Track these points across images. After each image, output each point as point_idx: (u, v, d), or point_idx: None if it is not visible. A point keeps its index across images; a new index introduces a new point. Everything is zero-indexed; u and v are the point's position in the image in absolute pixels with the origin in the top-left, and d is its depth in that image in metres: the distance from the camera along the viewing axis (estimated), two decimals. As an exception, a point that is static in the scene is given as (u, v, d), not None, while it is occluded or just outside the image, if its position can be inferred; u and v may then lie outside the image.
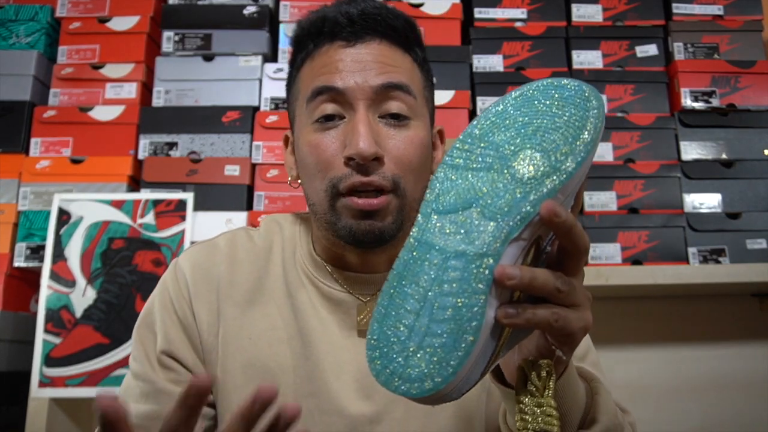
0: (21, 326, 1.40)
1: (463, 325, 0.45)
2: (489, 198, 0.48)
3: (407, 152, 0.69)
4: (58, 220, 1.37)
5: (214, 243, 0.79)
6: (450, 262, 0.47)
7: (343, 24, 0.70)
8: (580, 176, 0.48)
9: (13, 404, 1.37)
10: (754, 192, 1.49)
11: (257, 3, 1.59)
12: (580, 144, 0.47)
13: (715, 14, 1.61)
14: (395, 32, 0.71)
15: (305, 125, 0.71)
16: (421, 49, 0.75)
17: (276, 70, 1.53)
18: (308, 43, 0.73)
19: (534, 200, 0.46)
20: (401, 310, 0.47)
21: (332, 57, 0.70)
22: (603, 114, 0.49)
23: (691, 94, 1.52)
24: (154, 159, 1.47)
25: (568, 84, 0.51)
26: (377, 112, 0.69)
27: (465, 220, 0.48)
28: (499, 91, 1.53)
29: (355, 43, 0.70)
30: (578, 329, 0.49)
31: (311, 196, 0.72)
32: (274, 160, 1.47)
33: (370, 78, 0.68)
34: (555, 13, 1.60)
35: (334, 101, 0.69)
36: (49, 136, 1.48)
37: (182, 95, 1.53)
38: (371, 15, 0.70)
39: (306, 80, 0.72)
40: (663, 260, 1.43)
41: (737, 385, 1.58)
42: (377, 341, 0.47)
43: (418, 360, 0.45)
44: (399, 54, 0.72)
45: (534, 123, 0.50)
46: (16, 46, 1.56)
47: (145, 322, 0.76)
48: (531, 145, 0.49)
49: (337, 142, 0.68)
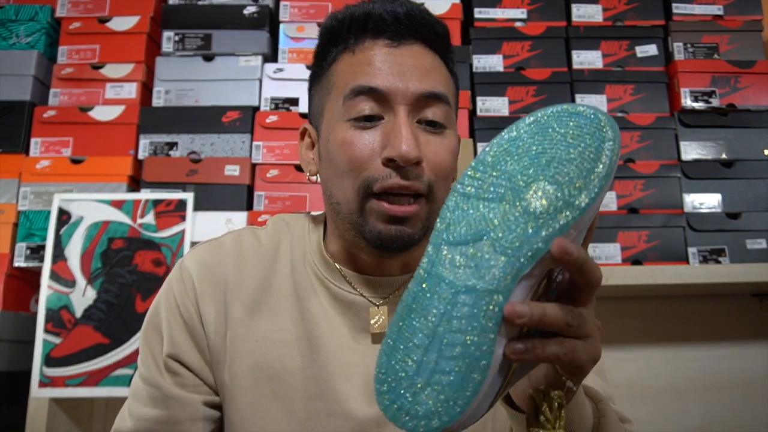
0: (21, 326, 1.40)
1: (471, 364, 0.44)
2: (500, 231, 0.47)
3: (444, 159, 0.69)
4: (58, 220, 1.37)
5: (220, 242, 0.78)
6: (460, 297, 0.46)
7: (389, 22, 0.69)
8: (593, 211, 0.47)
9: (13, 404, 1.37)
10: (754, 192, 1.49)
11: (257, 3, 1.59)
12: (595, 178, 0.46)
13: (715, 14, 1.61)
14: (437, 37, 0.71)
15: (339, 121, 0.69)
16: (454, 59, 0.75)
17: (276, 70, 1.53)
18: (348, 37, 0.71)
19: (546, 236, 0.45)
20: (410, 344, 0.47)
21: (375, 55, 0.69)
22: (619, 146, 0.48)
23: (691, 94, 1.52)
24: (154, 159, 1.47)
25: (584, 111, 0.50)
26: (415, 117, 0.69)
27: (476, 253, 0.47)
28: (499, 91, 1.53)
29: (399, 44, 0.69)
30: (587, 360, 0.49)
31: (336, 194, 0.70)
32: (274, 160, 1.47)
33: (412, 84, 0.68)
34: (555, 13, 1.60)
35: (374, 101, 0.68)
36: (49, 136, 1.48)
37: (182, 95, 1.53)
38: (417, 17, 0.70)
39: (344, 75, 0.70)
40: (663, 260, 1.43)
41: (737, 385, 1.58)
42: (385, 375, 0.47)
43: (425, 397, 0.45)
44: (438, 61, 0.72)
45: (548, 153, 0.49)
46: (17, 46, 1.56)
47: (152, 323, 0.75)
48: (545, 177, 0.48)
49: (375, 141, 0.67)
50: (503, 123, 1.50)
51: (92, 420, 1.46)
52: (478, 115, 1.52)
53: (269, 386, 0.70)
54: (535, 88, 1.53)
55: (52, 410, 1.31)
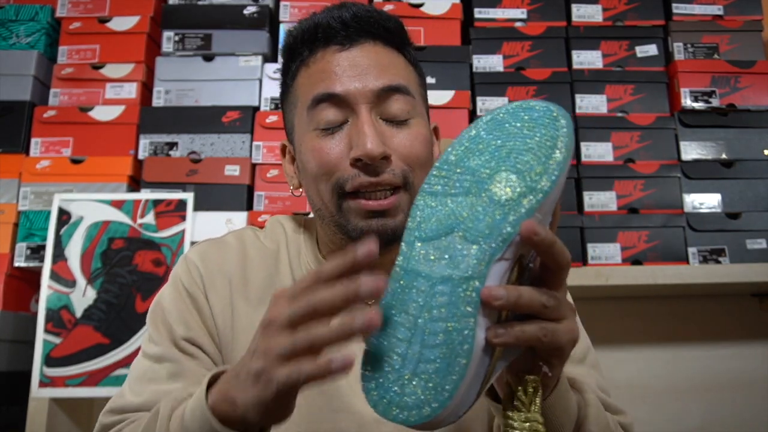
0: (21, 326, 1.40)
1: (455, 349, 0.46)
2: (470, 222, 0.49)
3: (413, 148, 0.69)
4: (58, 220, 1.37)
5: (223, 240, 0.79)
6: (437, 288, 0.48)
7: (337, 28, 0.70)
8: (555, 194, 0.50)
9: (14, 404, 1.37)
10: (754, 192, 1.49)
11: (257, 3, 1.59)
12: (553, 163, 0.49)
13: (715, 14, 1.61)
14: (389, 33, 0.72)
15: (306, 132, 0.71)
16: (411, 48, 0.76)
17: (276, 70, 1.52)
18: (302, 51, 0.72)
19: (513, 221, 0.48)
20: (393, 339, 0.48)
21: (329, 62, 0.70)
22: (572, 132, 0.51)
23: (691, 94, 1.52)
24: (154, 159, 1.47)
25: (536, 106, 0.53)
26: (379, 114, 0.69)
27: (448, 246, 0.49)
28: (499, 91, 1.53)
29: (350, 46, 0.70)
30: (567, 342, 0.50)
31: (316, 201, 0.72)
32: (274, 160, 1.47)
33: (370, 82, 0.68)
34: (555, 13, 1.60)
35: (335, 106, 0.69)
36: (49, 136, 1.48)
37: (182, 95, 1.53)
38: (364, 17, 0.70)
39: (304, 88, 0.71)
40: (663, 260, 1.43)
41: (737, 385, 1.58)
42: (372, 371, 0.48)
43: (413, 387, 0.46)
44: (394, 55, 0.72)
45: (507, 145, 0.51)
46: (17, 46, 1.56)
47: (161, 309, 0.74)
48: (506, 168, 0.50)
49: (342, 144, 0.68)
50: (503, 123, 1.50)
51: (92, 420, 1.46)
52: (478, 115, 1.52)
53: None
54: (535, 88, 1.53)
55: (52, 410, 1.31)
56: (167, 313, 0.74)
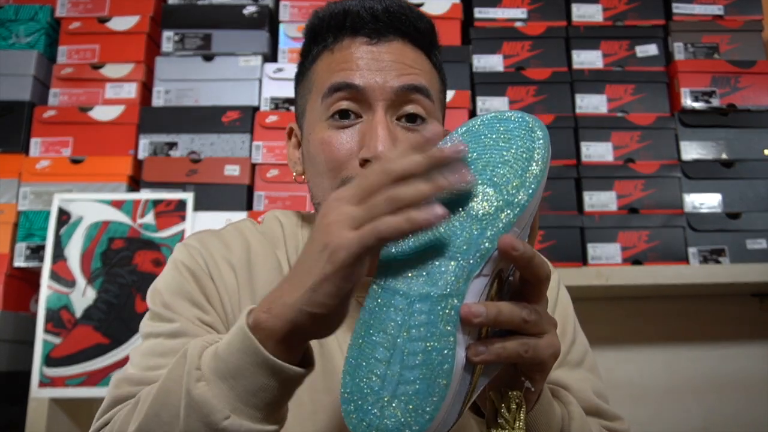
0: (21, 326, 1.40)
1: (435, 369, 0.45)
2: (447, 237, 0.48)
3: None
4: (58, 220, 1.37)
5: (222, 231, 0.75)
6: (415, 306, 0.46)
7: (367, 20, 0.68)
8: (533, 207, 0.49)
9: (14, 404, 1.37)
10: (754, 192, 1.49)
11: (257, 3, 1.59)
12: (530, 176, 0.48)
13: (715, 14, 1.61)
14: (418, 33, 0.70)
15: (318, 120, 0.69)
16: (439, 52, 0.74)
17: (276, 70, 1.53)
18: (327, 36, 0.70)
19: (491, 236, 0.47)
20: (371, 360, 0.47)
21: (353, 53, 0.68)
22: (548, 144, 0.50)
23: (691, 94, 1.52)
24: (154, 159, 1.47)
25: (512, 116, 0.52)
26: (395, 114, 0.67)
27: (426, 262, 0.48)
28: (499, 91, 1.53)
29: (378, 41, 0.68)
30: (548, 356, 0.49)
31: (318, 194, 0.70)
32: (274, 160, 1.47)
33: (391, 79, 0.66)
34: (555, 13, 1.60)
35: (352, 99, 0.67)
36: (49, 136, 1.48)
37: (182, 95, 1.53)
38: (396, 13, 0.68)
39: (323, 74, 0.69)
40: (663, 260, 1.43)
41: (737, 385, 1.58)
42: (350, 394, 0.47)
43: (393, 409, 0.45)
44: (420, 56, 0.70)
45: (483, 158, 0.50)
46: (16, 46, 1.56)
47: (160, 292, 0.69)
48: (482, 181, 0.49)
49: (353, 141, 0.66)
50: (503, 123, 1.51)
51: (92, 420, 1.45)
52: (478, 115, 1.52)
53: None
54: (535, 88, 1.53)
55: (52, 410, 1.31)
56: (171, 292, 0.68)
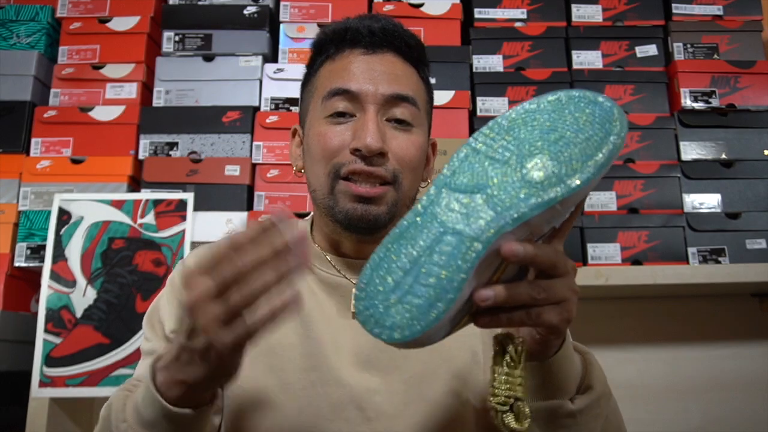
0: (21, 326, 1.40)
1: (440, 294, 0.50)
2: (497, 189, 0.52)
3: (409, 152, 0.76)
4: (59, 220, 1.37)
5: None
6: (446, 237, 0.51)
7: (364, 34, 0.78)
8: (583, 192, 0.52)
9: (14, 404, 1.37)
10: (754, 192, 1.49)
11: (257, 3, 1.59)
12: (592, 164, 0.51)
13: (714, 14, 1.61)
14: (408, 48, 0.80)
15: (317, 119, 0.78)
16: (427, 68, 0.84)
17: (276, 71, 1.53)
18: (330, 48, 0.80)
19: (533, 204, 0.50)
20: (393, 265, 0.53)
21: (351, 62, 0.78)
22: (622, 141, 0.53)
23: (691, 94, 1.52)
24: (155, 159, 1.47)
25: (603, 102, 0.54)
26: (385, 116, 0.77)
27: (470, 203, 0.52)
28: (499, 92, 1.53)
29: (373, 53, 0.78)
30: (559, 321, 0.54)
31: (313, 182, 0.79)
32: (275, 160, 1.47)
33: (381, 87, 0.76)
34: (555, 13, 1.60)
35: (347, 101, 0.76)
36: (50, 136, 1.48)
37: (182, 95, 1.53)
38: (390, 30, 0.79)
39: (324, 80, 0.79)
40: (663, 260, 1.43)
41: (737, 385, 1.58)
42: (366, 285, 0.53)
43: (395, 312, 0.51)
44: (409, 69, 0.80)
45: (558, 131, 0.54)
46: (17, 46, 1.56)
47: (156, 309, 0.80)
48: (549, 152, 0.52)
49: (346, 134, 0.75)
50: (503, 123, 1.51)
51: (92, 420, 1.46)
52: (478, 115, 1.52)
53: (265, 361, 0.75)
54: (535, 88, 1.53)
55: (52, 410, 1.31)
56: (161, 311, 0.79)
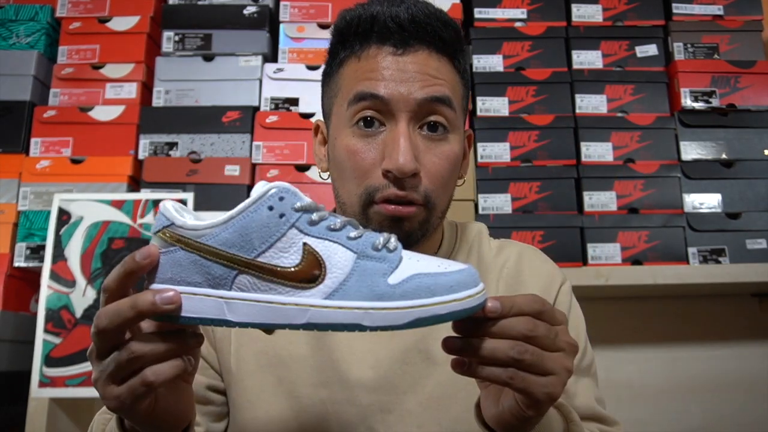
0: (21, 326, 1.40)
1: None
2: None
3: (442, 168, 0.70)
4: (58, 220, 1.37)
5: None
6: None
7: (393, 29, 0.69)
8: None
9: (13, 404, 1.37)
10: (754, 192, 1.49)
11: (257, 3, 1.59)
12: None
13: (715, 14, 1.61)
14: (443, 43, 0.71)
15: (344, 126, 0.71)
16: (464, 57, 0.75)
17: (276, 70, 1.53)
18: (354, 42, 0.72)
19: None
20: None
21: (379, 63, 0.70)
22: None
23: (691, 94, 1.52)
24: (154, 159, 1.47)
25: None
26: (417, 123, 0.70)
27: None
28: (499, 92, 1.53)
29: (404, 51, 0.70)
30: (542, 395, 0.49)
31: (343, 196, 0.73)
32: (274, 160, 1.47)
33: (415, 90, 0.68)
34: (555, 13, 1.60)
35: (376, 108, 0.69)
36: (49, 136, 1.48)
37: (182, 95, 1.53)
38: (422, 23, 0.70)
39: (349, 80, 0.72)
40: (663, 260, 1.43)
41: (737, 385, 1.58)
42: None
43: None
44: (444, 64, 0.72)
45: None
46: (17, 46, 1.56)
47: None
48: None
49: (376, 151, 0.69)
50: (503, 123, 1.51)
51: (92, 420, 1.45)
52: (478, 115, 1.52)
53: (275, 373, 0.72)
54: (535, 88, 1.53)
55: (52, 410, 1.31)
56: None
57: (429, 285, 0.47)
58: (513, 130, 1.50)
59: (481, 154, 1.49)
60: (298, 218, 0.48)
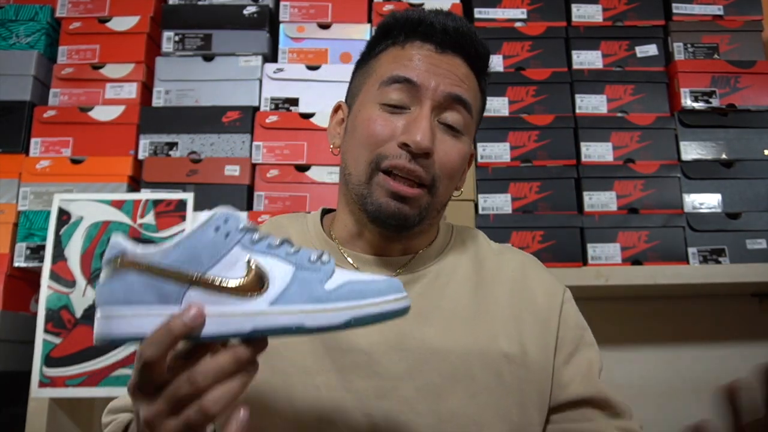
0: (21, 326, 1.40)
1: None
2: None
3: (453, 159, 0.75)
4: (58, 220, 1.37)
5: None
6: None
7: (438, 30, 0.76)
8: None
9: (13, 404, 1.37)
10: (754, 192, 1.49)
11: (257, 3, 1.59)
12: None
13: (715, 14, 1.61)
14: (477, 57, 0.79)
15: (370, 102, 0.76)
16: (487, 78, 0.82)
17: (276, 70, 1.53)
18: (399, 34, 0.78)
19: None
20: None
21: (419, 54, 0.76)
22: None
23: (691, 94, 1.52)
24: (154, 159, 1.47)
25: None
26: (437, 117, 0.75)
27: None
28: (499, 91, 1.53)
29: (443, 52, 0.76)
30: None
31: (350, 165, 0.77)
32: (274, 160, 1.47)
33: (443, 85, 0.74)
34: (555, 13, 1.60)
35: (405, 92, 0.74)
36: (49, 136, 1.48)
37: (182, 95, 1.53)
38: (464, 33, 0.77)
39: (386, 64, 0.77)
40: (663, 260, 1.43)
41: (737, 385, 1.58)
42: None
43: None
44: (471, 78, 0.78)
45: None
46: (17, 46, 1.56)
47: None
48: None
49: (396, 125, 0.74)
50: (503, 123, 1.51)
51: (92, 420, 1.46)
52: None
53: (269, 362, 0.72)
54: (535, 88, 1.53)
55: (52, 410, 1.31)
56: None
57: (361, 289, 0.53)
58: (513, 130, 1.50)
59: (481, 154, 1.49)
60: (242, 237, 0.54)
